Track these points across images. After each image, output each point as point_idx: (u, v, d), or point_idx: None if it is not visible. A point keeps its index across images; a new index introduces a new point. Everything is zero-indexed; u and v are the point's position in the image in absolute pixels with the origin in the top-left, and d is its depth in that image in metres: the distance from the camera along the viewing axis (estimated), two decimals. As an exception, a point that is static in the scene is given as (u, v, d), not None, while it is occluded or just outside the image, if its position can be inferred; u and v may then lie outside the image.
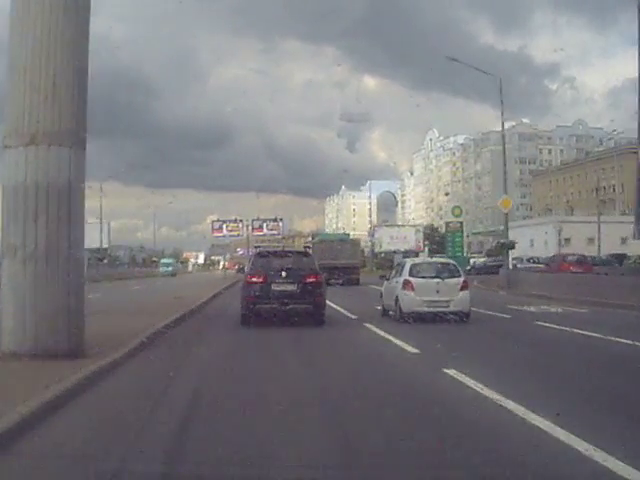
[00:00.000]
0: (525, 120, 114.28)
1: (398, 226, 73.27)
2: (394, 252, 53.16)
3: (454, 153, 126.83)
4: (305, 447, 4.55)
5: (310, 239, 72.80)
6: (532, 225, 66.14)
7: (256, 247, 37.90)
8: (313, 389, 6.92)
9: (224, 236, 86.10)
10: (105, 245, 70.82)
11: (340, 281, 35.40)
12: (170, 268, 79.27)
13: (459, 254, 45.59)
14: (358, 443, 4.72)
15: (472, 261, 52.54)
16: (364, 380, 7.40)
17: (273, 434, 4.86)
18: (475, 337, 12.10)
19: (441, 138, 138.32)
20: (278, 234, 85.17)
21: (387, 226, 67.54)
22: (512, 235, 59.10)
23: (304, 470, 4.03)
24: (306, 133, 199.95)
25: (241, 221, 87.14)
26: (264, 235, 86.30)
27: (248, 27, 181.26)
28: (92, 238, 53.38)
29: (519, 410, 5.51)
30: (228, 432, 4.89)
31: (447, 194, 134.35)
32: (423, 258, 27.67)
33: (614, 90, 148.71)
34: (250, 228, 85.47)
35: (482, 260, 52.25)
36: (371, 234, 59.74)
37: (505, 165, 33.65)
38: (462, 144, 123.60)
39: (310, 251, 26.19)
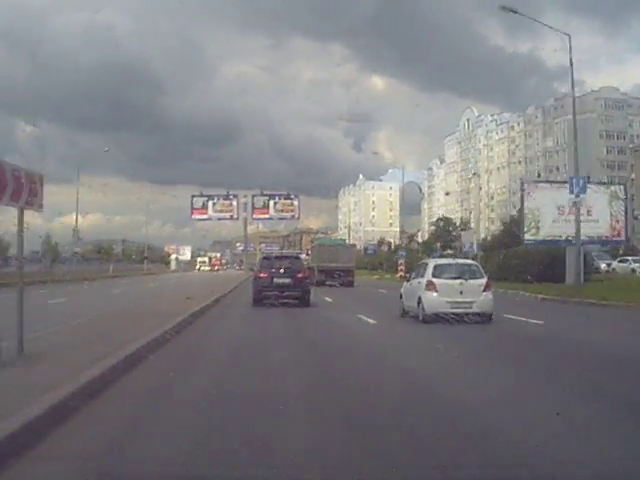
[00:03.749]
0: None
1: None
2: (567, 241, 25.73)
3: (513, 127, 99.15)
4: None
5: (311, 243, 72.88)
6: None
7: (263, 253, 45.84)
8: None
9: (209, 218, 57.95)
10: None
11: (336, 283, 38.08)
12: None
13: None
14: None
15: None
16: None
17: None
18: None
19: (481, 117, 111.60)
20: (292, 217, 58.51)
21: (548, 183, 37.89)
22: None
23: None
24: (312, 132, 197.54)
25: (235, 197, 56.72)
26: (270, 219, 58.79)
27: (256, 23, 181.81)
28: None
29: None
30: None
31: (447, 194, 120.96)
32: (446, 259, 23.32)
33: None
34: (249, 207, 55.93)
35: None
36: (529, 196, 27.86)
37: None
38: (525, 114, 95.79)
39: (307, 255, 45.59)
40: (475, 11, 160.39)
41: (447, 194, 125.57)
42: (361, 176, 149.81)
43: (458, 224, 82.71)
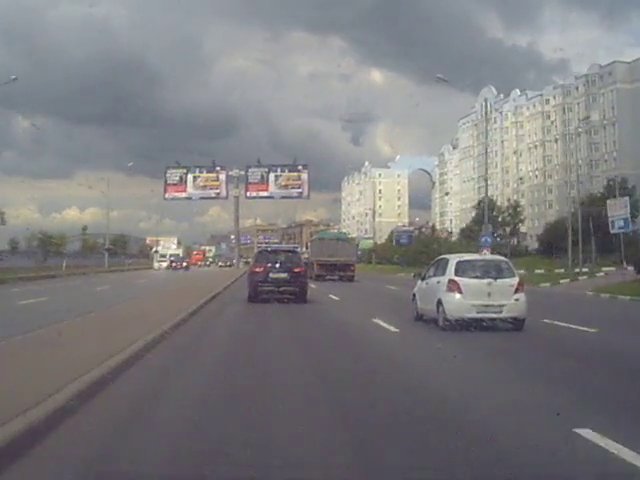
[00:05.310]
0: None
1: None
2: None
3: (547, 101, 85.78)
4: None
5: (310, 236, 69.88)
6: None
7: (259, 246, 42.93)
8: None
9: (189, 197, 45.76)
10: None
11: (336, 277, 38.36)
12: None
13: None
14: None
15: None
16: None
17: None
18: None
19: (501, 96, 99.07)
20: (299, 195, 48.39)
21: None
22: None
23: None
24: (311, 125, 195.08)
25: (223, 169, 44.28)
26: (270, 197, 47.46)
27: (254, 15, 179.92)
28: None
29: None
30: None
31: (447, 194, 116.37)
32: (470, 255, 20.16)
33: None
34: (243, 183, 43.43)
35: None
36: None
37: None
38: (563, 85, 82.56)
39: (306, 249, 44.96)
40: (473, 3, 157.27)
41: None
42: (367, 163, 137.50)
43: (503, 209, 70.13)
